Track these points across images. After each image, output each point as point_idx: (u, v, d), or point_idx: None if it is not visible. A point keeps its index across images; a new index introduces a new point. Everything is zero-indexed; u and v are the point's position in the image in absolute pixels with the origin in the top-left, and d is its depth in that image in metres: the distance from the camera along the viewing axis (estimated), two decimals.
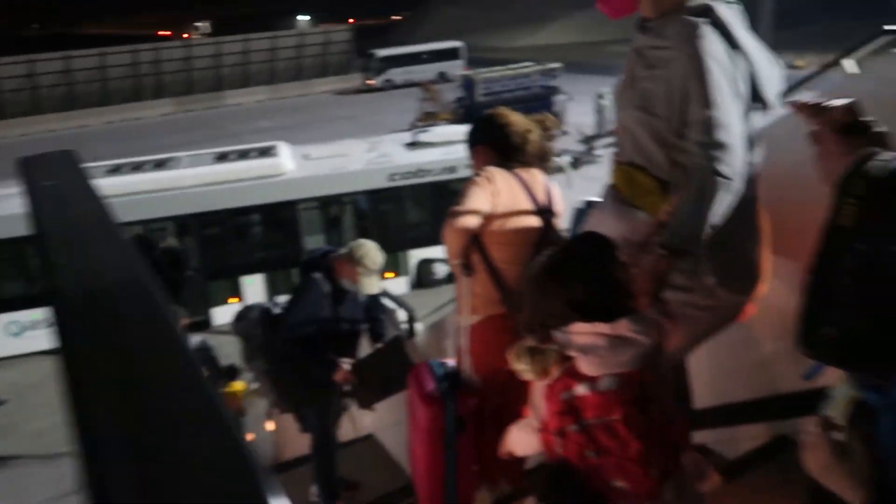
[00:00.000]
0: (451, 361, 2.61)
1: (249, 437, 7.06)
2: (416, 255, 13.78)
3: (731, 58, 1.86)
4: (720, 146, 1.79)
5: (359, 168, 13.36)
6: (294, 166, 13.26)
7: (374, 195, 13.43)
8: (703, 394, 2.35)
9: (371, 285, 3.95)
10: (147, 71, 35.67)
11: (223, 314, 11.87)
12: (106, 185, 12.92)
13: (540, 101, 24.21)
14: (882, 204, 0.99)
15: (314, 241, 12.67)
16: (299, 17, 68.12)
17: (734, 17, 1.92)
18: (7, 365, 11.97)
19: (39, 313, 12.12)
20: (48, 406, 8.78)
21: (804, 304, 1.04)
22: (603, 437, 1.47)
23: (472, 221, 2.35)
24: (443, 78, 33.25)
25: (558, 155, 14.04)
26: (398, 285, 13.49)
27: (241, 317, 4.28)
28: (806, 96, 2.29)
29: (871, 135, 1.11)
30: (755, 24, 1.95)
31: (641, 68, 2.00)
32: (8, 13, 76.67)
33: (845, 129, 1.12)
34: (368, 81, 37.11)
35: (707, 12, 1.88)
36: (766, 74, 1.93)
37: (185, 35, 65.08)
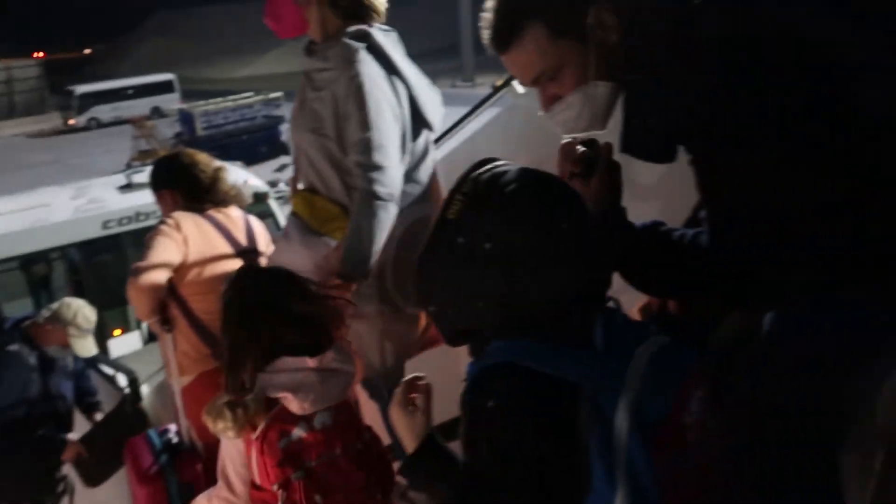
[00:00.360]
0: (172, 427, 2.41)
1: None
2: None
3: (389, 82, 1.93)
4: (377, 167, 1.83)
5: (65, 218, 11.88)
6: None
7: (88, 246, 12.01)
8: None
9: (86, 347, 3.57)
10: None
11: None
12: None
13: (265, 132, 23.81)
14: (480, 204, 1.08)
15: (17, 307, 10.93)
16: None
17: (392, 44, 2.00)
18: None
19: None
20: None
21: (414, 283, 1.15)
22: (329, 475, 1.44)
23: (159, 276, 2.18)
24: (157, 113, 31.13)
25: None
26: (130, 342, 12.20)
27: None
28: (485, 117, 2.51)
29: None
30: (458, 46, 2.09)
31: (310, 90, 2.00)
32: None
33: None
34: (70, 121, 33.31)
35: (365, 37, 1.94)
36: (425, 99, 2.01)
37: None
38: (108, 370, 4.29)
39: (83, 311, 3.54)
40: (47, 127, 34.25)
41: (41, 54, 53.77)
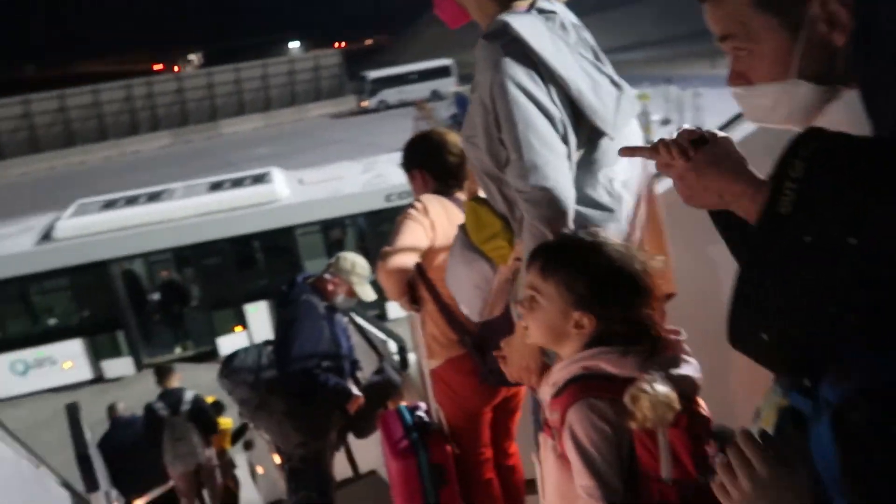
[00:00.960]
0: (422, 405, 2.45)
1: (260, 469, 6.95)
2: None
3: (541, 81, 1.52)
4: (538, 193, 1.48)
5: (355, 190, 13.34)
6: (289, 192, 13.26)
7: (372, 216, 13.34)
8: None
9: (368, 293, 3.85)
10: (142, 105, 36.05)
11: (229, 343, 11.90)
12: (101, 220, 12.76)
13: None
14: (830, 187, 0.83)
15: (314, 266, 12.68)
16: (290, 45, 68.81)
17: (546, 33, 1.55)
18: (15, 404, 11.96)
19: (44, 351, 12.24)
20: (58, 443, 8.78)
21: (734, 306, 0.93)
22: None
23: (406, 260, 2.15)
24: (436, 96, 33.42)
25: None
26: (398, 308, 13.36)
27: (234, 369, 3.88)
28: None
29: (716, 139, 1.05)
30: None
31: (472, 90, 1.67)
32: (2, 55, 77.52)
33: (694, 145, 1.04)
34: (362, 103, 37.38)
35: (504, 31, 1.53)
36: (592, 99, 1.56)
37: (177, 68, 65.65)
38: (380, 334, 4.56)
39: (358, 261, 3.84)
40: (345, 109, 38.76)
41: (343, 44, 60.87)
